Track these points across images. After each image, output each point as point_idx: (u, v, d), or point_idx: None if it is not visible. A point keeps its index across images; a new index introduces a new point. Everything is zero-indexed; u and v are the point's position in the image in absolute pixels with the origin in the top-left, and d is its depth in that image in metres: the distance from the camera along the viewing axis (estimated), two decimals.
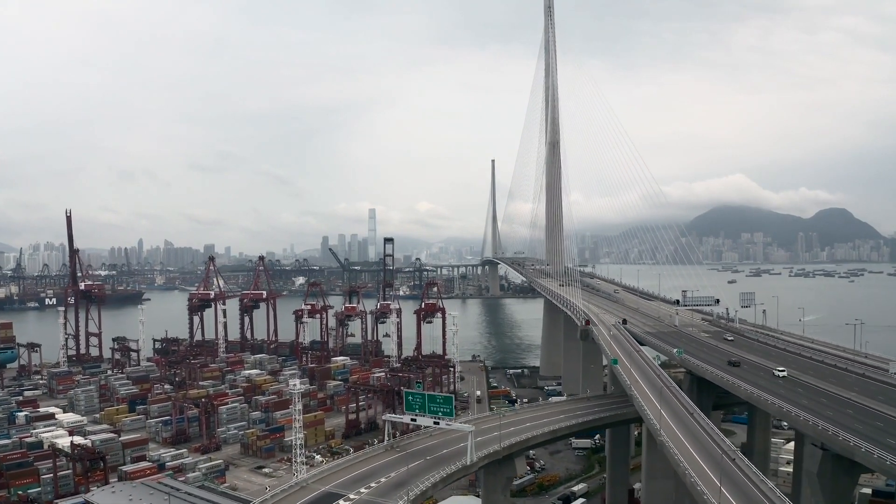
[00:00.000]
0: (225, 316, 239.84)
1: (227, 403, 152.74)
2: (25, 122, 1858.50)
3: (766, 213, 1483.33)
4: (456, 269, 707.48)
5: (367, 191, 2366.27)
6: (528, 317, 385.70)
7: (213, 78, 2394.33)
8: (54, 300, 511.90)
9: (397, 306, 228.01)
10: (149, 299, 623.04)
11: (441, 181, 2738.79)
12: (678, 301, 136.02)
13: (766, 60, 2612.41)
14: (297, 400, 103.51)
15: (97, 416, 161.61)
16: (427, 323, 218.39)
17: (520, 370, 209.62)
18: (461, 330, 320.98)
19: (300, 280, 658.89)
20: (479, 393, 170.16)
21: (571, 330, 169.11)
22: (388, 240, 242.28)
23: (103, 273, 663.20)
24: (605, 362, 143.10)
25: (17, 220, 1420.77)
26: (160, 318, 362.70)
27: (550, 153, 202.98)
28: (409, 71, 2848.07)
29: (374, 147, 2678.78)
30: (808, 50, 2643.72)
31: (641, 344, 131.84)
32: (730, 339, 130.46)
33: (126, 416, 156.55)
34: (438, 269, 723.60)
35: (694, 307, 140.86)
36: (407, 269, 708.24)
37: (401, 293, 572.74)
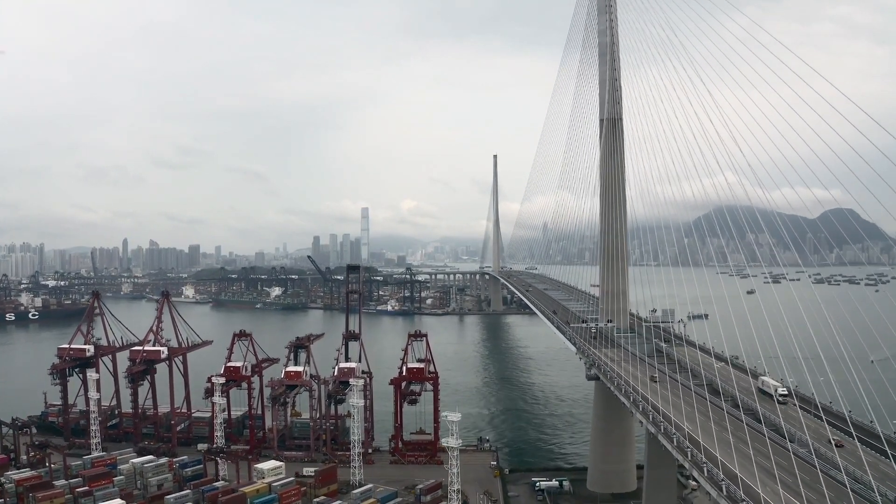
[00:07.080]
0: (114, 384, 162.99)
1: None
2: None
3: (768, 212, 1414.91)
4: (452, 276, 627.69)
5: (350, 189, 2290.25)
6: (540, 346, 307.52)
7: (182, 73, 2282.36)
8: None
9: (365, 369, 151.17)
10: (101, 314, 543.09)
11: (422, 179, 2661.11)
12: None
13: (757, 53, 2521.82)
14: None
15: None
16: (410, 403, 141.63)
17: (556, 483, 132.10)
18: (459, 371, 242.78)
19: (276, 291, 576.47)
20: None
21: (661, 458, 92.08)
22: (353, 268, 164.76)
23: (51, 284, 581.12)
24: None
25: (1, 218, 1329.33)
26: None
27: (610, 133, 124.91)
28: (385, 64, 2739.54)
29: (354, 144, 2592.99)
30: (801, 42, 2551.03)
31: None
32: None
33: None
34: (433, 276, 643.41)
35: None
36: (399, 274, 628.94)
37: (388, 308, 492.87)
